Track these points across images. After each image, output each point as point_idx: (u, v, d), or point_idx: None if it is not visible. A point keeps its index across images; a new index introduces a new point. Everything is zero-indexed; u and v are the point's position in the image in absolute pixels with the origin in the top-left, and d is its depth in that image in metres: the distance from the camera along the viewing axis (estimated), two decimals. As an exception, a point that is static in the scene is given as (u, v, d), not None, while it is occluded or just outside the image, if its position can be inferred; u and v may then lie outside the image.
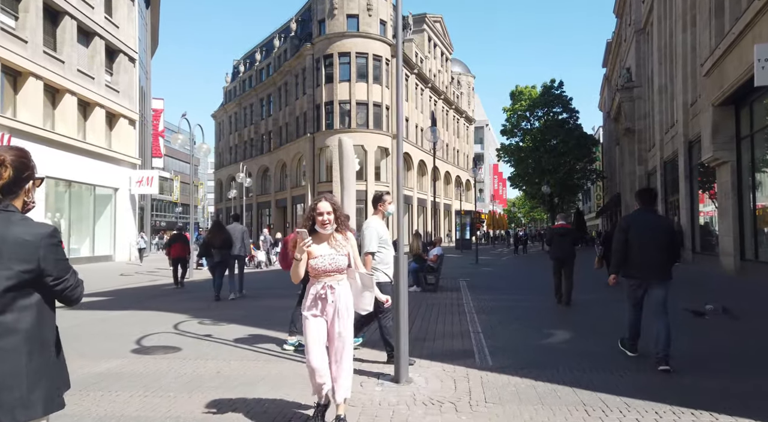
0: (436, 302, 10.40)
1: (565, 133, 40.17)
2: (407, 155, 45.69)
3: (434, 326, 7.60)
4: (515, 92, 42.35)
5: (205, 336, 6.67)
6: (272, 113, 50.94)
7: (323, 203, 3.52)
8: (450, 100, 58.32)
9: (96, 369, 5.12)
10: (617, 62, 41.22)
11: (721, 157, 14.72)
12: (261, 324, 7.60)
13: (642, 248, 5.11)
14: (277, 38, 51.80)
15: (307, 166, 42.88)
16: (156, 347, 6.04)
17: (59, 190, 21.65)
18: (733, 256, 14.48)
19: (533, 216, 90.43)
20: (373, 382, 4.67)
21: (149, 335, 6.74)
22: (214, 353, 5.73)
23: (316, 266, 3.47)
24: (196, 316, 8.40)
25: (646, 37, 29.38)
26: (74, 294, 2.12)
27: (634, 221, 5.30)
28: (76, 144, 21.49)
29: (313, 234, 3.52)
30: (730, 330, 6.98)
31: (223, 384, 4.58)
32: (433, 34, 54.35)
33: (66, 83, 20.89)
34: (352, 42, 40.28)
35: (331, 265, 3.48)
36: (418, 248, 12.95)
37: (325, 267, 3.47)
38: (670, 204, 23.94)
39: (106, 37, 23.96)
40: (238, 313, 8.73)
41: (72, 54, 21.45)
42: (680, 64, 20.42)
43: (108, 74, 24.88)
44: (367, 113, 40.73)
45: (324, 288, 3.48)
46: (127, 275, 17.80)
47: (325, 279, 3.49)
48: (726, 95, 13.68)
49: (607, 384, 4.58)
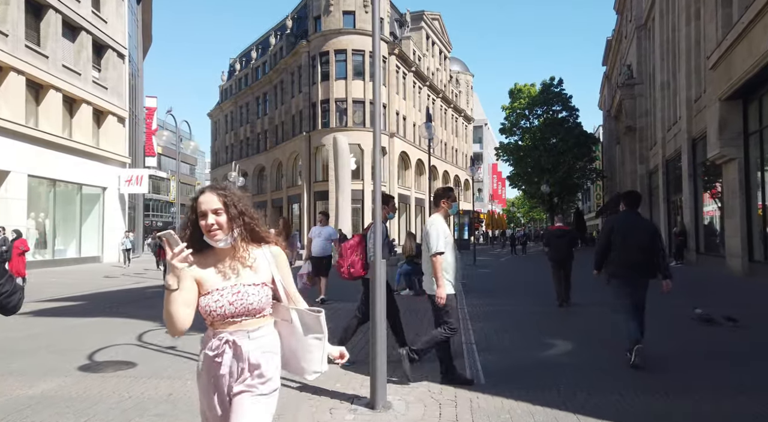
0: (429, 307, 9.78)
1: (565, 131, 39.56)
2: (405, 154, 45.07)
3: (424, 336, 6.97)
4: (514, 90, 41.72)
5: (167, 349, 6.03)
6: (268, 112, 50.27)
7: (207, 195, 1.97)
8: (448, 98, 57.68)
9: (30, 390, 4.48)
10: (617, 60, 40.60)
11: (728, 153, 14.09)
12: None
13: (626, 248, 5.31)
14: (273, 36, 51.13)
15: (303, 165, 42.22)
16: (108, 363, 5.39)
17: (43, 189, 20.99)
18: (740, 257, 13.86)
19: (532, 216, 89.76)
20: (345, 408, 4.04)
21: (106, 348, 6.09)
22: (171, 370, 5.09)
23: (207, 307, 1.93)
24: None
25: (648, 32, 28.78)
26: (9, 302, 1.98)
27: (619, 223, 5.48)
28: (61, 142, 20.84)
29: (204, 250, 1.97)
30: (744, 339, 6.35)
31: (170, 412, 3.93)
32: (431, 31, 53.71)
33: (50, 79, 20.22)
34: (349, 39, 39.64)
35: (234, 304, 1.92)
36: (411, 249, 12.31)
37: (225, 310, 1.91)
38: (673, 203, 23.32)
39: (93, 32, 23.30)
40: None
41: (56, 49, 20.79)
42: (683, 58, 19.79)
43: (96, 70, 24.22)
44: (364, 111, 40.09)
45: (220, 346, 1.93)
46: (112, 277, 17.17)
47: (228, 329, 1.94)
48: (734, 88, 13.05)
49: (617, 411, 3.94)
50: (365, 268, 5.26)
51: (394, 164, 42.48)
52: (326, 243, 10.05)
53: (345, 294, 9.94)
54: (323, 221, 10.36)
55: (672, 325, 7.33)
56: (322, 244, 10.00)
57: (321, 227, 10.22)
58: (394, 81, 42.97)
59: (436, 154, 53.68)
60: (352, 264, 5.39)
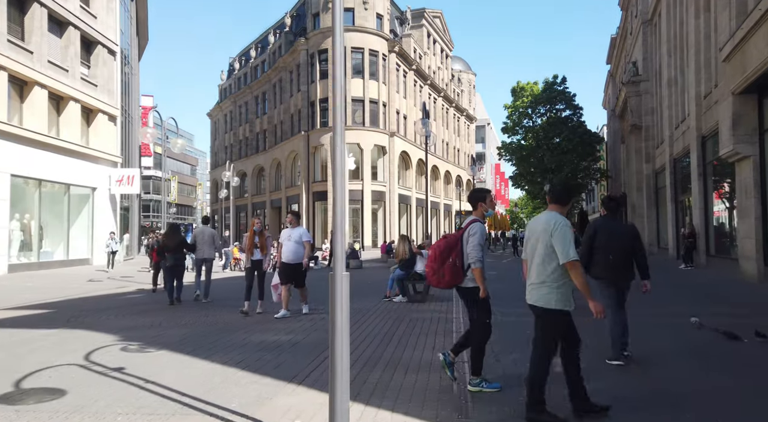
0: (421, 316, 9.03)
1: (569, 130, 38.64)
2: (405, 154, 44.29)
3: (410, 352, 6.20)
4: (516, 88, 40.84)
5: (112, 371, 5.27)
6: (267, 111, 49.57)
7: None
8: (450, 97, 56.88)
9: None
10: (622, 57, 39.75)
11: (741, 151, 13.25)
12: (199, 351, 6.21)
13: (607, 251, 5.50)
14: (272, 34, 50.45)
15: (302, 165, 41.50)
16: (34, 390, 4.62)
17: (28, 189, 20.29)
18: (755, 260, 13.02)
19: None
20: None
21: (42, 370, 5.34)
22: (102, 403, 4.29)
23: None
24: (126, 338, 7.03)
25: (654, 28, 27.97)
26: None
27: (600, 227, 5.69)
28: (47, 140, 20.14)
29: None
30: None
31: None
32: (432, 29, 52.92)
33: (34, 75, 19.53)
34: (348, 36, 38.83)
35: None
36: (404, 253, 11.54)
37: None
38: (681, 203, 22.48)
39: (81, 27, 22.60)
40: (178, 334, 7.35)
41: (42, 44, 20.10)
42: (692, 53, 18.97)
43: (85, 67, 23.53)
44: (363, 110, 39.35)
45: None
46: (96, 281, 16.46)
47: None
48: (749, 81, 12.22)
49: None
50: (461, 275, 4.60)
51: (394, 164, 41.70)
52: (297, 246, 8.90)
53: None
54: (293, 222, 9.12)
55: (693, 341, 6.53)
56: (294, 248, 8.86)
57: (291, 229, 9.03)
58: (394, 79, 42.17)
59: (438, 153, 52.89)
60: (446, 270, 4.59)
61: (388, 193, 40.94)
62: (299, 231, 9.00)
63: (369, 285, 14.39)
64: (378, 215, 41.15)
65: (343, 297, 3.46)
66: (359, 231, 38.96)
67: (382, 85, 40.36)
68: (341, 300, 3.46)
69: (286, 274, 8.85)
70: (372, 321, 8.54)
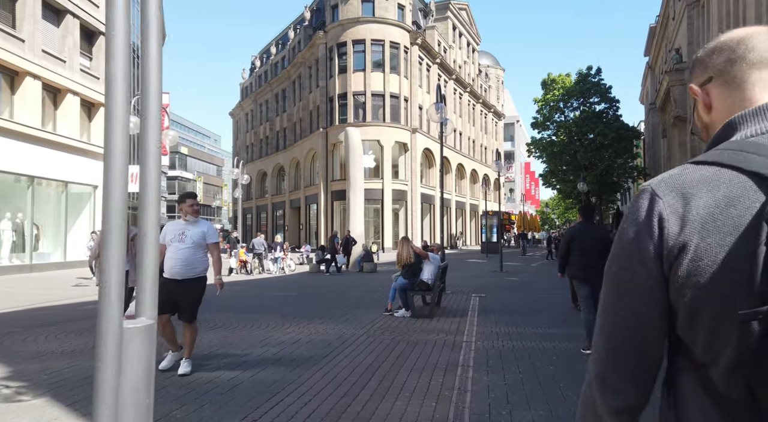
0: (422, 338, 7.14)
1: (604, 125, 35.94)
2: (428, 151, 42.30)
3: (388, 403, 4.32)
4: (547, 81, 38.32)
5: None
6: (287, 109, 48.22)
7: None
8: (477, 93, 54.60)
9: None
10: (662, 46, 36.91)
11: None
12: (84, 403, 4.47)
13: (583, 253, 6.16)
14: (292, 30, 49.14)
15: (320, 164, 39.94)
16: None
17: (19, 187, 19.11)
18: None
19: (568, 218, 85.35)
20: None
21: None
22: None
23: None
24: (16, 373, 5.37)
25: (701, 9, 25.38)
26: None
27: (577, 232, 6.39)
28: (41, 135, 18.95)
29: None
30: None
31: None
32: (458, 22, 50.76)
33: (26, 64, 18.35)
34: (367, 28, 37.16)
35: None
36: (408, 257, 9.62)
37: None
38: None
39: (80, 15, 21.40)
40: (87, 367, 5.64)
41: (35, 32, 18.93)
42: (751, 29, 16.53)
43: (86, 58, 22.36)
44: (384, 105, 37.53)
45: None
46: (83, 286, 15.05)
47: None
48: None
49: None
50: None
51: (416, 161, 39.77)
52: (194, 252, 5.37)
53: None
54: (193, 211, 5.56)
55: None
56: (188, 255, 5.31)
57: (186, 223, 5.47)
58: (417, 73, 40.20)
59: (464, 151, 50.71)
60: None
61: (410, 192, 39.03)
62: (201, 226, 5.49)
63: (376, 293, 12.61)
64: (399, 215, 39.27)
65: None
66: (379, 232, 37.16)
67: (404, 79, 38.48)
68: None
69: (170, 298, 5.08)
70: (357, 346, 6.69)
